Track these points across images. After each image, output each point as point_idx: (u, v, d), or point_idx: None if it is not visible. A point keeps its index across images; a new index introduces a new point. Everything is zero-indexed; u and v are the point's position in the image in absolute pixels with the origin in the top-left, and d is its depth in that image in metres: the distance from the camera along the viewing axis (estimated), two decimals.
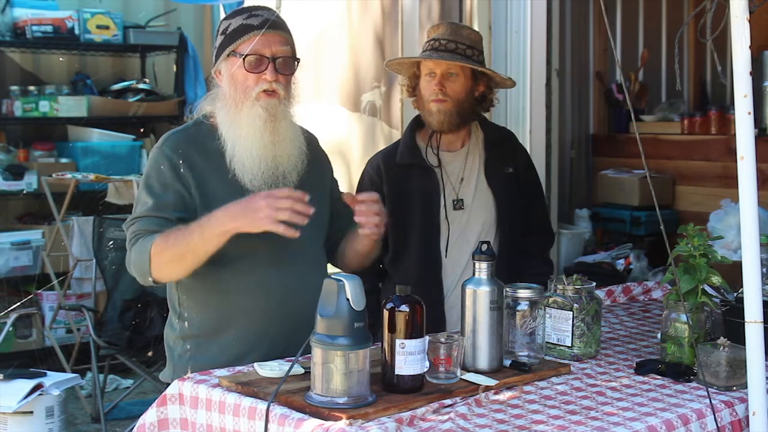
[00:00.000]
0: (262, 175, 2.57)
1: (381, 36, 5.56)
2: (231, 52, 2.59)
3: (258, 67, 2.57)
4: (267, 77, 2.56)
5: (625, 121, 6.25)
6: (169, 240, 2.46)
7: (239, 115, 2.57)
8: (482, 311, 2.39)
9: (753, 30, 2.10)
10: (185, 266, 2.50)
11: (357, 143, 5.75)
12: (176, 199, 2.57)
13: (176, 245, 2.45)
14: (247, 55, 2.55)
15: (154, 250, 2.47)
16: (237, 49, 2.58)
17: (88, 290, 5.51)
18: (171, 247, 2.46)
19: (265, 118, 2.56)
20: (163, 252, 2.47)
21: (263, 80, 2.56)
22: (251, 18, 2.60)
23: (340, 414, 2.03)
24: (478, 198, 3.24)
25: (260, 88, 2.56)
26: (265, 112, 2.56)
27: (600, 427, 2.05)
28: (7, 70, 6.09)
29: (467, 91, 3.19)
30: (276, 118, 2.57)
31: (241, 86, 2.58)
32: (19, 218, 6.06)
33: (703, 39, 2.21)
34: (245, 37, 2.57)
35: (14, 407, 3.97)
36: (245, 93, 2.57)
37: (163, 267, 2.49)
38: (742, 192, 2.11)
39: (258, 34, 2.55)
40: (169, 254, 2.47)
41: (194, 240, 2.44)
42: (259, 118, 2.55)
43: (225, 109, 2.61)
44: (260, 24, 2.58)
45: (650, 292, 3.50)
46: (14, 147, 5.91)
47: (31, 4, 5.95)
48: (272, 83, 2.56)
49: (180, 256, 2.47)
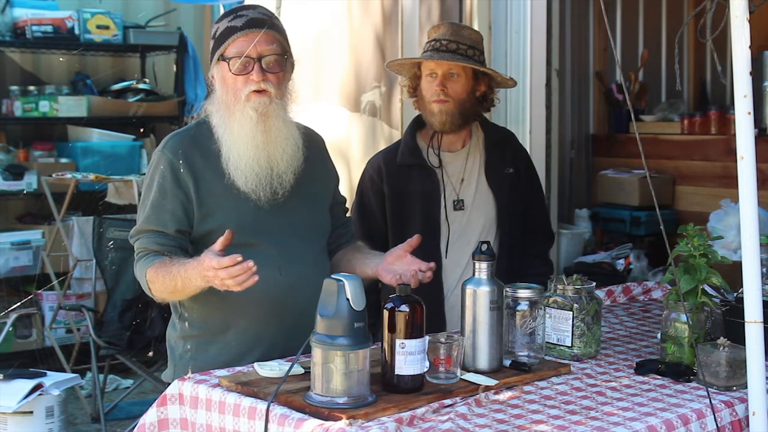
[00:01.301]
0: (257, 177, 2.57)
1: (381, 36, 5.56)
2: (220, 56, 2.60)
3: (245, 68, 2.55)
4: (254, 78, 2.55)
5: (625, 121, 6.26)
6: (159, 275, 2.52)
7: (231, 118, 2.58)
8: (482, 311, 2.39)
9: (753, 30, 2.10)
10: (178, 297, 2.60)
11: (357, 143, 5.74)
12: (174, 207, 2.59)
13: (165, 282, 2.51)
14: (231, 58, 2.55)
15: (149, 277, 2.55)
16: (224, 53, 2.58)
17: (88, 290, 5.51)
18: (161, 281, 2.52)
19: (256, 118, 2.55)
20: (155, 282, 2.54)
21: (251, 81, 2.55)
22: (236, 19, 2.59)
23: (340, 414, 2.03)
24: (479, 198, 3.24)
25: (249, 89, 2.55)
26: (255, 113, 2.55)
27: (600, 427, 2.05)
28: (7, 70, 6.09)
29: (469, 91, 3.19)
30: (267, 117, 2.56)
31: (231, 89, 2.57)
32: (19, 218, 6.06)
33: (703, 39, 2.21)
34: (229, 40, 2.57)
35: (14, 407, 3.97)
36: (236, 95, 2.57)
37: (159, 294, 2.58)
38: (742, 192, 2.11)
39: (242, 35, 2.55)
40: (160, 286, 2.54)
41: (178, 284, 2.49)
42: (250, 119, 2.55)
43: (219, 113, 2.62)
44: (243, 25, 2.57)
45: (650, 292, 3.50)
46: (14, 147, 5.91)
47: (31, 4, 5.95)
48: (260, 83, 2.55)
49: (170, 291, 2.54)
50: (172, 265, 2.49)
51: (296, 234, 2.67)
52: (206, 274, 2.35)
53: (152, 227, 2.59)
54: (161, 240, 2.58)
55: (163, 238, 2.58)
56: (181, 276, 2.46)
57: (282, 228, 2.62)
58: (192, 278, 2.43)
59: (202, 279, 2.39)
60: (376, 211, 3.24)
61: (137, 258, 2.62)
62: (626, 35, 6.53)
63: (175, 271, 2.47)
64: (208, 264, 2.33)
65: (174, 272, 2.47)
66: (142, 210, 2.63)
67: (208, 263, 2.33)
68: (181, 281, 2.46)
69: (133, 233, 2.65)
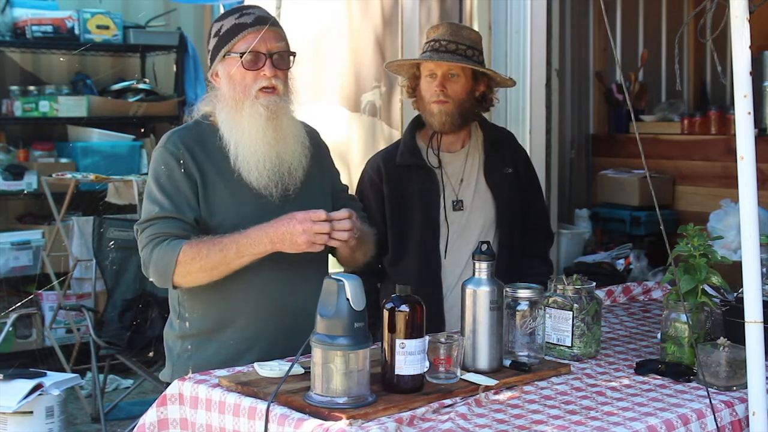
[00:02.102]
0: (267, 173, 2.58)
1: (381, 36, 5.57)
2: (227, 52, 2.60)
3: (256, 64, 2.57)
4: (266, 73, 2.56)
5: (625, 121, 6.26)
6: (201, 250, 2.47)
7: (240, 115, 2.57)
8: (482, 311, 2.39)
9: (753, 30, 2.10)
10: (213, 276, 2.52)
11: (357, 143, 5.75)
12: (190, 196, 2.57)
13: (209, 257, 2.47)
14: (244, 53, 2.56)
15: (183, 257, 2.48)
16: (233, 49, 2.58)
17: (88, 290, 5.51)
18: (203, 257, 2.47)
19: (267, 116, 2.56)
20: (194, 261, 2.48)
21: (262, 77, 2.56)
22: (243, 17, 2.60)
23: (340, 414, 2.03)
24: (478, 198, 3.24)
25: (259, 85, 2.56)
26: (266, 110, 2.56)
27: (600, 427, 2.05)
28: (7, 70, 6.09)
29: (468, 91, 3.19)
30: (277, 115, 2.58)
31: (240, 85, 2.58)
32: (19, 218, 6.06)
33: (703, 39, 2.21)
34: (240, 35, 2.58)
35: (14, 407, 3.97)
36: (245, 92, 2.57)
37: (189, 275, 2.51)
38: (742, 192, 2.11)
39: (253, 31, 2.56)
40: (200, 264, 2.48)
41: (230, 255, 2.46)
42: (261, 116, 2.56)
43: (225, 110, 2.61)
44: (253, 21, 2.59)
45: (650, 292, 3.50)
46: (14, 147, 5.91)
47: (31, 4, 5.95)
48: (271, 79, 2.56)
49: (212, 268, 2.49)
50: (222, 237, 2.47)
51: None
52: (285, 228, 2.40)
53: (169, 214, 2.54)
54: (182, 226, 2.53)
55: (183, 224, 2.53)
56: (237, 243, 2.44)
57: None
58: (254, 243, 2.43)
59: (271, 240, 2.42)
60: (376, 211, 3.24)
61: (154, 242, 2.52)
62: (626, 35, 6.53)
63: (228, 240, 2.45)
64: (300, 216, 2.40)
65: (226, 241, 2.45)
66: (155, 202, 2.56)
67: (299, 215, 2.41)
68: (235, 249, 2.44)
69: (143, 222, 2.57)
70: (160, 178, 2.58)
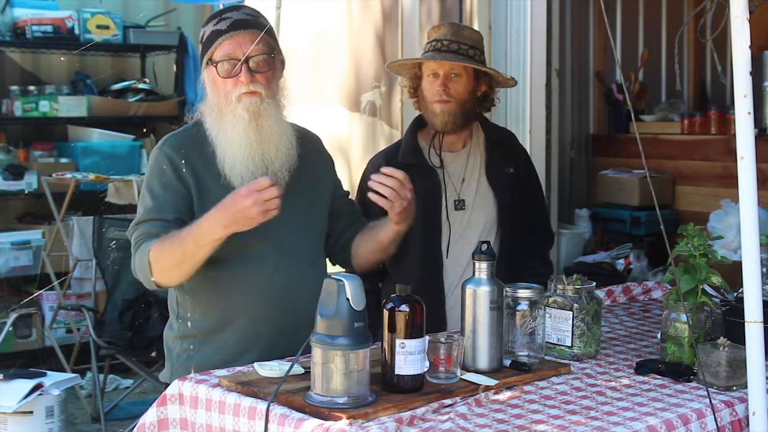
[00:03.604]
0: (252, 175, 2.56)
1: (381, 36, 5.57)
2: (208, 60, 2.60)
3: (233, 71, 2.55)
4: (242, 80, 2.54)
5: (625, 121, 6.25)
6: (165, 246, 2.47)
7: (224, 120, 2.58)
8: (482, 311, 2.39)
9: (753, 30, 2.10)
10: (184, 271, 2.51)
11: (357, 143, 5.75)
12: (176, 198, 2.57)
13: (171, 252, 2.46)
14: (218, 62, 2.55)
15: (152, 256, 2.48)
16: (212, 57, 2.58)
17: (88, 290, 5.51)
18: (167, 253, 2.47)
19: (248, 118, 2.55)
20: (162, 258, 2.48)
21: (240, 83, 2.55)
22: (220, 23, 2.59)
23: (340, 414, 2.03)
24: (479, 198, 3.24)
25: (239, 91, 2.55)
26: (247, 112, 2.55)
27: (600, 427, 2.05)
28: (7, 70, 6.09)
29: (470, 91, 3.19)
30: (259, 116, 2.56)
31: (222, 92, 2.57)
32: (19, 218, 6.06)
33: (703, 39, 2.21)
34: (215, 43, 2.57)
35: (14, 407, 3.97)
36: (226, 98, 2.57)
37: (164, 272, 2.50)
38: (742, 192, 2.11)
39: (227, 38, 2.55)
40: (167, 261, 2.48)
41: (189, 248, 2.44)
42: (242, 119, 2.55)
43: (212, 117, 2.61)
44: (228, 27, 2.57)
45: (650, 292, 3.50)
46: (14, 147, 5.91)
47: (31, 4, 5.95)
48: (249, 85, 2.54)
49: (178, 263, 2.48)
50: (180, 231, 2.46)
51: (293, 233, 2.66)
52: (235, 208, 2.34)
53: (152, 216, 2.56)
54: (162, 225, 2.54)
55: (164, 224, 2.54)
56: (193, 235, 2.42)
57: (278, 227, 2.62)
58: (208, 232, 2.40)
59: (223, 224, 2.38)
60: (378, 211, 3.23)
61: (136, 246, 2.56)
62: (626, 35, 6.53)
63: (185, 234, 2.44)
64: (244, 191, 2.34)
65: (183, 235, 2.44)
66: (142, 204, 2.60)
67: (242, 190, 2.35)
68: (192, 241, 2.42)
69: (132, 226, 2.61)
70: (151, 180, 2.61)
